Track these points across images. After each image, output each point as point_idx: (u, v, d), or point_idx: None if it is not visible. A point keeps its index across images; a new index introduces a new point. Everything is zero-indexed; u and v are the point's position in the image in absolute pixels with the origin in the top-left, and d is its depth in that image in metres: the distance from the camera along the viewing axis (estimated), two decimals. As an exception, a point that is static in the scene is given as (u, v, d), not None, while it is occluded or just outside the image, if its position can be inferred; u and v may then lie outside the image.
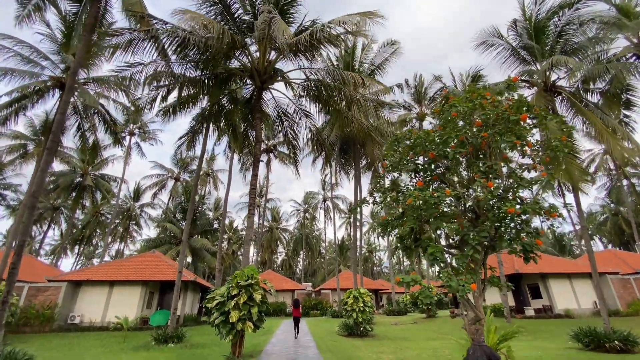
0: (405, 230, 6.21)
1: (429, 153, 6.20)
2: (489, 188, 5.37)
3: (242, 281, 8.97)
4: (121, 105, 19.68)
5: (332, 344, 12.54)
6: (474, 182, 6.10)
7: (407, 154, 6.76)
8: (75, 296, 18.44)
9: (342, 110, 12.46)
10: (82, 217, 51.60)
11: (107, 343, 14.70)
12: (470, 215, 6.34)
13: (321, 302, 34.28)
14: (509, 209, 5.12)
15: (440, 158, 6.20)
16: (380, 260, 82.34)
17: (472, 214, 6.35)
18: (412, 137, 6.70)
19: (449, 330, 19.12)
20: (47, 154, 9.91)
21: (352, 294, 17.02)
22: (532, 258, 5.94)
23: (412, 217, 6.24)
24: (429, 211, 5.86)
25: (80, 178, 37.24)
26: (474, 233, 5.70)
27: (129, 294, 18.89)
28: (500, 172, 5.78)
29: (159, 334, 14.10)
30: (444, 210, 5.98)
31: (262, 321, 9.15)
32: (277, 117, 14.27)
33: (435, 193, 5.55)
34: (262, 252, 59.15)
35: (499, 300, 23.22)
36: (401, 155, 6.78)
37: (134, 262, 20.81)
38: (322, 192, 56.38)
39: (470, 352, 4.38)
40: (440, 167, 6.45)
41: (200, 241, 32.19)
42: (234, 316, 8.32)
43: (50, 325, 16.92)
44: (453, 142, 5.91)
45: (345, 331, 16.85)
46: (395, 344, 14.43)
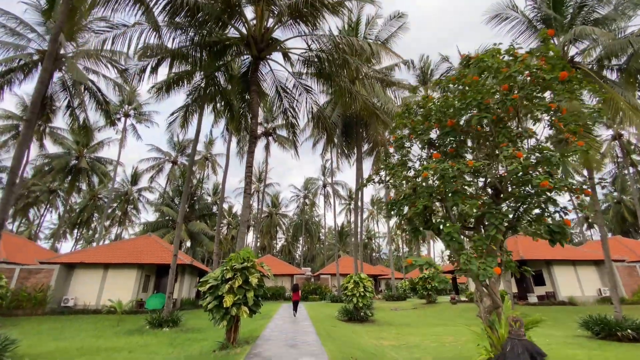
0: (418, 208, 5.52)
1: (447, 121, 5.44)
2: (519, 159, 4.64)
3: (237, 264, 8.38)
4: (112, 81, 18.69)
5: (332, 330, 12.11)
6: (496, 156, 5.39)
7: (421, 125, 6.01)
8: (69, 279, 17.99)
9: (346, 86, 11.58)
10: (79, 200, 51.12)
11: (101, 327, 14.31)
12: (490, 191, 5.65)
13: (320, 287, 34.12)
14: (542, 182, 4.41)
15: (459, 128, 5.45)
16: (379, 246, 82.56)
17: (492, 190, 5.67)
18: (427, 104, 5.92)
19: (450, 317, 18.81)
20: (26, 127, 9.13)
21: (353, 278, 16.58)
22: (559, 241, 5.29)
23: (426, 194, 5.55)
24: (446, 186, 5.17)
25: (76, 160, 36.41)
26: (497, 211, 5.02)
27: (124, 277, 18.45)
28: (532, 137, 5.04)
29: (154, 318, 13.70)
30: (463, 186, 5.28)
31: (258, 306, 8.62)
32: (275, 94, 13.38)
33: (456, 165, 4.83)
34: (262, 238, 58.99)
35: (500, 286, 22.88)
36: (413, 125, 6.02)
37: (129, 245, 20.31)
38: (322, 177, 55.71)
39: (508, 347, 3.76)
40: (458, 138, 5.71)
41: (198, 225, 31.71)
42: (227, 301, 7.75)
43: (42, 309, 16.53)
44: (475, 107, 5.15)
45: (345, 316, 16.49)
46: (396, 330, 14.06)
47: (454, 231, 5.05)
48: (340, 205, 62.39)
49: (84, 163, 35.85)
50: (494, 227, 4.97)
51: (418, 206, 5.39)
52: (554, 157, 4.82)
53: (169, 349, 10.00)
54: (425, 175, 5.04)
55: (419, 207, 5.40)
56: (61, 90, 18.76)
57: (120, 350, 9.90)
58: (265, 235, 58.61)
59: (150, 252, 19.62)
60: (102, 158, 38.53)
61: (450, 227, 5.00)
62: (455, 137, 5.52)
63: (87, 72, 18.55)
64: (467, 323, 17.05)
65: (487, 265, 4.69)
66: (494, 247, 5.17)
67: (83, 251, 19.60)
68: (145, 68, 11.28)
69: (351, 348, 8.67)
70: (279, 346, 8.02)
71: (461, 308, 21.29)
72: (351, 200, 63.10)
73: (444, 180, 5.12)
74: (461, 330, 14.39)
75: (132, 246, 20.04)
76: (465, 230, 6.38)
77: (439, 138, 5.79)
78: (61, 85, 18.61)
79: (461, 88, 5.77)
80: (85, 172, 36.73)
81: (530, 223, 5.64)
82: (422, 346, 10.65)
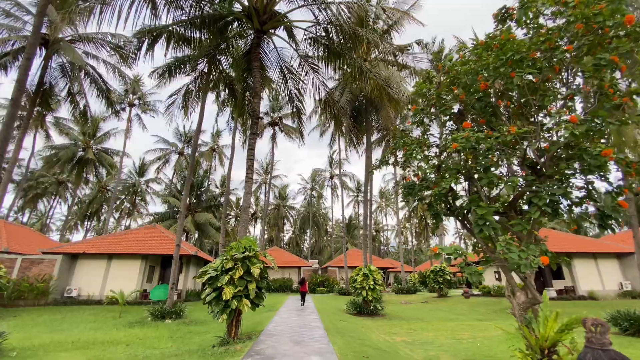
0: (444, 188, 4.71)
1: (480, 85, 4.58)
2: (572, 123, 3.77)
3: (237, 254, 7.72)
4: (112, 66, 18.07)
5: (340, 324, 11.46)
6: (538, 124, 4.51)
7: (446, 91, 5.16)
8: (72, 269, 17.71)
9: (356, 64, 10.68)
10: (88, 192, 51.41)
11: (102, 318, 13.93)
12: (528, 168, 4.80)
13: (328, 279, 33.61)
14: (604, 151, 3.55)
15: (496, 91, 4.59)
16: (387, 239, 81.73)
17: (529, 166, 4.80)
18: (453, 67, 5.05)
19: (464, 311, 18.02)
20: (12, 106, 8.53)
21: (362, 271, 15.89)
22: (609, 227, 4.43)
23: (453, 172, 4.73)
24: (479, 161, 4.34)
25: (82, 152, 36.24)
26: (545, 188, 4.17)
27: (128, 268, 18.10)
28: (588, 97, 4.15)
29: (156, 310, 13.26)
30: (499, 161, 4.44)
31: (261, 299, 7.97)
32: (280, 75, 12.55)
33: (493, 133, 3.99)
34: (269, 230, 58.71)
35: (517, 279, 21.94)
36: (438, 92, 5.17)
37: (133, 235, 19.94)
38: (330, 169, 54.85)
39: (588, 358, 2.95)
40: (490, 106, 4.84)
41: (205, 216, 31.33)
42: (227, 293, 7.10)
43: (45, 299, 16.27)
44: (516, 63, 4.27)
45: (353, 309, 15.85)
46: (408, 325, 13.34)
47: (488, 213, 4.23)
48: (348, 197, 61.61)
49: (91, 154, 35.67)
50: (537, 210, 4.13)
51: (444, 186, 4.57)
52: (612, 125, 3.93)
53: (168, 342, 9.46)
54: (455, 147, 4.20)
55: (444, 186, 4.58)
56: (61, 76, 18.24)
57: (117, 344, 9.40)
58: (272, 227, 58.31)
59: (155, 242, 19.21)
60: (109, 149, 38.34)
61: (485, 209, 4.19)
62: (488, 104, 4.65)
63: (87, 57, 17.96)
64: (481, 318, 16.31)
65: (531, 254, 3.87)
66: (535, 232, 4.34)
67: (86, 241, 19.31)
68: (140, 46, 10.57)
69: (362, 345, 7.98)
70: (284, 342, 7.37)
71: (474, 302, 20.47)
72: (359, 192, 62.24)
73: (476, 154, 4.29)
74: (477, 325, 13.62)
75: (136, 236, 19.66)
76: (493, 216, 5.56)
77: (467, 106, 4.93)
78: (60, 71, 18.08)
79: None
80: (92, 163, 36.58)
81: (572, 206, 4.78)
82: (437, 343, 9.92)
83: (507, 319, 15.46)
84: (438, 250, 4.19)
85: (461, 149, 4.18)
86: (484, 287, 24.22)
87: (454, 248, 4.19)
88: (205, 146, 43.83)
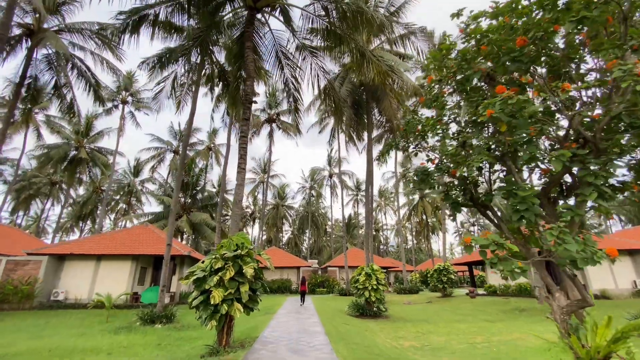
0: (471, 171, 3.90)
1: (516, 40, 3.75)
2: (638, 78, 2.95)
3: (228, 252, 6.87)
4: (99, 57, 17.19)
5: (342, 328, 10.63)
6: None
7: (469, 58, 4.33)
8: (59, 271, 16.80)
9: (358, 46, 9.86)
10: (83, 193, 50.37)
11: (88, 323, 13.06)
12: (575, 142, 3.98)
13: (328, 280, 32.78)
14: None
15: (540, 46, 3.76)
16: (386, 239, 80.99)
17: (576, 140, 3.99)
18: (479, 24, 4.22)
19: (471, 312, 17.22)
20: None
21: (364, 270, 15.08)
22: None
23: (483, 148, 3.91)
24: (517, 133, 3.52)
25: (75, 151, 35.28)
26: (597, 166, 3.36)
27: (117, 269, 17.21)
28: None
29: (146, 314, 12.42)
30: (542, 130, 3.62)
31: (255, 302, 7.12)
32: (276, 61, 11.73)
33: (540, 92, 3.18)
34: (268, 230, 57.80)
35: (524, 278, 21.17)
36: (463, 52, 4.34)
37: (124, 235, 19.04)
38: (329, 168, 54.01)
39: None
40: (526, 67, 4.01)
41: (200, 216, 30.44)
42: (216, 296, 6.27)
43: (30, 302, 15.38)
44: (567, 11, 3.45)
45: (356, 311, 15.03)
46: (414, 327, 12.52)
47: (531, 196, 3.41)
48: (348, 196, 60.79)
49: (84, 153, 34.70)
50: (594, 191, 3.32)
51: (473, 165, 3.75)
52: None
53: (154, 350, 8.62)
54: (489, 114, 3.38)
55: (474, 165, 3.76)
56: (47, 69, 17.36)
57: (99, 352, 8.56)
58: (271, 227, 57.40)
59: (147, 242, 18.33)
60: (102, 148, 37.37)
61: (529, 191, 3.37)
62: (525, 64, 3.82)
63: (74, 48, 17.08)
64: (490, 319, 15.49)
65: (590, 247, 3.05)
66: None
67: (74, 242, 18.40)
68: (124, 28, 9.72)
69: (368, 353, 7.15)
70: (281, 351, 6.54)
71: (481, 302, 19.68)
72: (358, 191, 61.43)
73: (513, 125, 3.47)
74: (488, 327, 12.81)
75: (126, 236, 18.77)
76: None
77: (498, 69, 4.11)
78: (47, 63, 17.21)
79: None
80: (85, 162, 35.62)
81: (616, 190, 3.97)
82: (449, 348, 9.11)
83: (516, 320, 14.68)
84: (471, 241, 3.37)
85: (498, 115, 3.36)
86: (489, 287, 23.44)
87: (490, 238, 3.37)
88: (201, 145, 42.93)
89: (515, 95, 3.41)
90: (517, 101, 3.28)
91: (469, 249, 3.39)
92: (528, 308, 16.09)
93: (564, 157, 3.34)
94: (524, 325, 13.35)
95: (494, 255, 3.47)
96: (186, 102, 17.52)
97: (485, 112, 3.51)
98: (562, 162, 3.36)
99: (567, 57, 3.74)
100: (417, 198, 43.40)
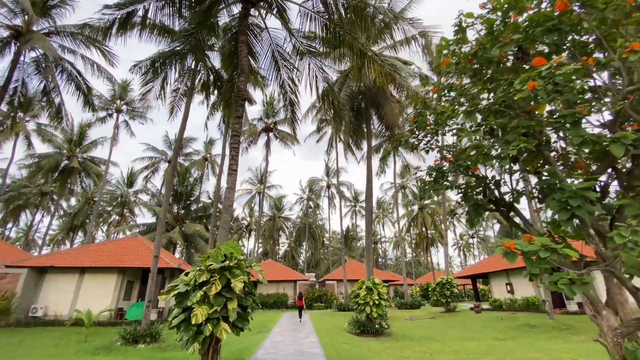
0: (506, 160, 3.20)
1: (556, 4, 3.12)
2: None
3: (215, 263, 6.06)
4: (89, 60, 16.63)
5: (343, 348, 9.69)
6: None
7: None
8: (39, 285, 15.72)
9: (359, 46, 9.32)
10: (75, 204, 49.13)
11: (65, 342, 12.00)
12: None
13: (326, 294, 31.61)
14: None
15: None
16: (385, 251, 79.76)
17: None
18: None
19: (478, 329, 16.25)
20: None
21: (365, 284, 14.18)
22: None
23: (519, 133, 3.22)
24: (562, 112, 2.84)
25: (67, 160, 34.41)
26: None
27: (102, 283, 16.16)
28: None
29: (128, 332, 11.41)
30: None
31: (246, 320, 6.25)
32: (272, 61, 11.16)
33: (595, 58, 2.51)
34: (264, 242, 56.50)
35: (530, 292, 20.28)
36: (490, 22, 3.71)
37: (111, 246, 18.04)
38: (326, 178, 53.34)
39: None
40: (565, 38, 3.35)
41: (194, 227, 29.42)
42: (199, 315, 5.42)
43: (6, 319, 14.26)
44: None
45: (356, 328, 14.05)
46: (420, 347, 11.55)
47: (588, 189, 2.70)
48: (346, 207, 59.92)
49: (75, 163, 33.79)
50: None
51: (510, 151, 3.05)
52: None
53: (132, 376, 7.67)
54: (531, 87, 2.71)
55: (510, 152, 3.06)
56: (35, 72, 16.78)
57: (68, 378, 7.59)
58: (267, 239, 56.13)
59: (134, 254, 17.33)
60: (95, 158, 36.50)
61: (586, 184, 2.67)
62: (566, 34, 3.18)
63: (64, 52, 16.53)
64: (500, 337, 14.51)
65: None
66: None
67: (56, 253, 17.37)
68: (112, 24, 9.14)
69: (374, 380, 6.27)
70: (274, 379, 5.66)
71: (487, 317, 18.69)
72: (357, 202, 60.67)
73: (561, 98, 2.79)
74: (499, 346, 11.87)
75: (113, 248, 17.76)
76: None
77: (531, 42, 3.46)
78: (35, 67, 16.64)
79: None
80: (77, 172, 34.68)
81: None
82: (461, 371, 8.22)
83: (528, 337, 13.75)
84: (515, 246, 2.63)
85: (539, 92, 2.69)
86: (494, 301, 22.46)
87: (539, 242, 2.63)
88: (197, 155, 42.24)
89: (567, 63, 2.74)
90: (568, 72, 2.62)
91: (511, 257, 2.66)
92: (539, 324, 15.17)
93: (626, 139, 2.65)
94: (536, 343, 12.44)
95: (542, 264, 2.73)
96: (180, 108, 16.94)
97: (525, 85, 2.84)
98: (625, 145, 2.67)
99: (617, 23, 3.11)
100: (417, 209, 42.64)
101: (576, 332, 13.68)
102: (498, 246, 2.75)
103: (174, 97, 16.30)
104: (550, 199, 3.20)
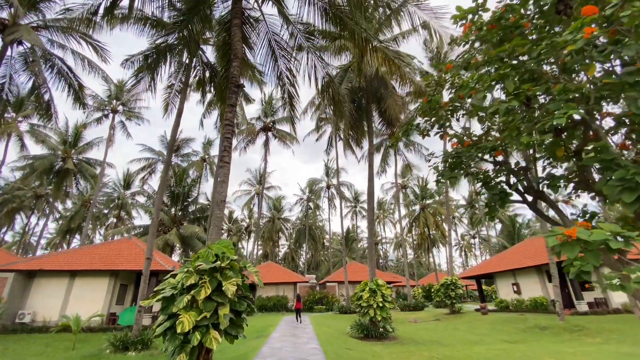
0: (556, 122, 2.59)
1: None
2: None
3: (204, 264, 5.45)
4: (80, 55, 16.06)
5: (346, 355, 9.05)
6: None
7: None
8: (27, 289, 15.06)
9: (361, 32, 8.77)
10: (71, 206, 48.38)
11: (52, 350, 11.34)
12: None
13: (326, 296, 30.94)
14: None
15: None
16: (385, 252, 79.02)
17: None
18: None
19: (486, 331, 15.62)
20: None
21: (368, 286, 13.55)
22: None
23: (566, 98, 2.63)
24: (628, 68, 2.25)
25: (62, 162, 33.77)
26: None
27: (94, 287, 15.51)
28: None
29: (118, 339, 10.76)
30: None
31: (239, 327, 5.62)
32: (269, 51, 10.59)
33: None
34: (264, 244, 55.79)
35: (538, 292, 19.66)
36: None
37: (103, 249, 17.37)
38: (326, 179, 52.73)
39: None
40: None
41: (191, 229, 28.78)
42: (185, 322, 4.81)
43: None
44: None
45: (359, 332, 13.40)
46: (428, 351, 10.91)
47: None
48: (346, 208, 59.27)
49: (70, 164, 33.14)
50: None
51: (558, 119, 2.45)
52: None
53: (116, 389, 7.03)
54: (589, 33, 2.13)
55: (558, 121, 2.46)
56: (23, 69, 16.18)
57: (47, 392, 6.95)
58: (267, 241, 55.42)
59: (128, 257, 16.68)
60: (91, 159, 35.84)
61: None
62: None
63: (53, 46, 15.95)
64: (509, 339, 13.87)
65: None
66: None
67: (46, 256, 16.70)
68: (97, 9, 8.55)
69: (383, 392, 5.64)
70: (270, 394, 5.03)
71: (494, 319, 18.05)
72: (357, 203, 60.07)
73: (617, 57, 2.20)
74: (511, 349, 11.24)
75: (106, 250, 17.11)
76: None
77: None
78: (24, 62, 16.05)
79: None
80: (72, 174, 34.02)
81: None
82: (475, 379, 7.60)
83: (539, 340, 13.12)
84: (577, 234, 2.03)
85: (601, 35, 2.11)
86: (500, 302, 21.82)
87: (606, 231, 2.04)
88: (195, 155, 41.58)
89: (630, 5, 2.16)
90: (633, 16, 2.03)
91: (571, 249, 2.06)
92: (549, 326, 14.54)
93: None
94: (549, 346, 11.83)
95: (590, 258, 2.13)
96: (174, 105, 16.35)
97: (580, 34, 2.25)
98: None
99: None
100: (418, 209, 42.01)
101: (589, 334, 13.06)
102: (552, 235, 2.15)
103: (169, 93, 15.74)
104: (603, 181, 2.60)
